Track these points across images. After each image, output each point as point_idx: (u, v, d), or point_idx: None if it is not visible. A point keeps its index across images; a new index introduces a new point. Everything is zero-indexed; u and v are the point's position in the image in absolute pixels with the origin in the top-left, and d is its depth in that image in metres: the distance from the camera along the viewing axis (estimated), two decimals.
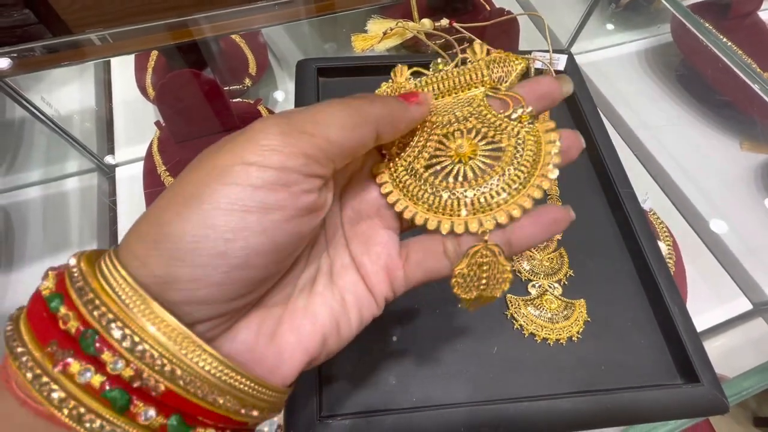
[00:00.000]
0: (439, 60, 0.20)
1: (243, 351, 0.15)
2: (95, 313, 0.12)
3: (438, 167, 0.18)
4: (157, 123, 0.49)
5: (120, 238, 0.49)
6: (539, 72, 0.43)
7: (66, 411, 0.12)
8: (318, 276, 0.18)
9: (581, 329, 0.29)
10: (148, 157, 0.47)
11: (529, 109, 0.18)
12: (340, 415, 0.26)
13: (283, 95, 0.60)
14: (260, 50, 0.58)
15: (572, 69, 0.41)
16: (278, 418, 0.24)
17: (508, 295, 0.31)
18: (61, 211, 0.49)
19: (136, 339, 0.12)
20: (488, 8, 0.60)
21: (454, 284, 0.17)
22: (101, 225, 0.48)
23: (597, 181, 0.37)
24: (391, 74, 0.20)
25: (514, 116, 0.18)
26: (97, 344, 0.12)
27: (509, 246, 0.17)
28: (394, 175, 0.19)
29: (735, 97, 0.53)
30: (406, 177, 0.18)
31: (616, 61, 0.65)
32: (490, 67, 0.19)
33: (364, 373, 0.27)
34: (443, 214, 0.17)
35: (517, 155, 0.17)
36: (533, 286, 0.31)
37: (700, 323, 0.43)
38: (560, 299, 0.31)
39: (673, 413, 0.27)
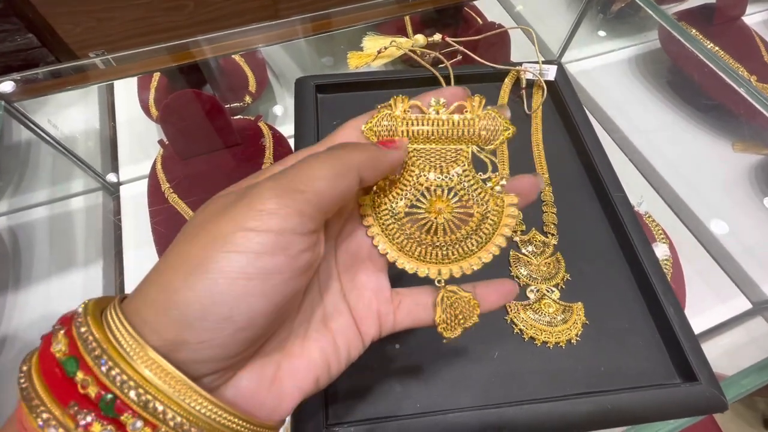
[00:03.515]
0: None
1: (246, 397, 0.17)
2: (115, 379, 0.13)
3: (416, 218, 0.21)
4: (160, 141, 0.50)
5: (125, 257, 0.49)
6: (530, 82, 0.44)
7: None
8: (311, 320, 0.20)
9: (580, 332, 0.30)
10: (152, 175, 0.48)
11: (503, 181, 0.21)
12: (346, 423, 0.26)
13: (282, 110, 0.61)
14: (259, 67, 0.59)
15: (562, 79, 0.42)
16: (286, 427, 0.24)
17: None
18: (67, 230, 0.49)
19: (149, 398, 0.13)
20: (480, 21, 0.62)
21: (440, 330, 0.21)
22: (107, 243, 0.49)
23: (590, 187, 0.38)
24: (391, 101, 0.21)
25: (489, 183, 0.21)
26: (117, 408, 0.13)
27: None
28: (379, 216, 0.21)
29: (723, 100, 0.54)
30: (390, 221, 0.21)
31: (607, 69, 0.66)
32: (481, 123, 0.20)
33: (369, 381, 0.28)
34: (428, 263, 0.21)
35: (481, 225, 0.21)
36: (531, 290, 0.32)
37: (701, 324, 0.43)
38: (558, 303, 0.31)
39: (672, 412, 0.27)
